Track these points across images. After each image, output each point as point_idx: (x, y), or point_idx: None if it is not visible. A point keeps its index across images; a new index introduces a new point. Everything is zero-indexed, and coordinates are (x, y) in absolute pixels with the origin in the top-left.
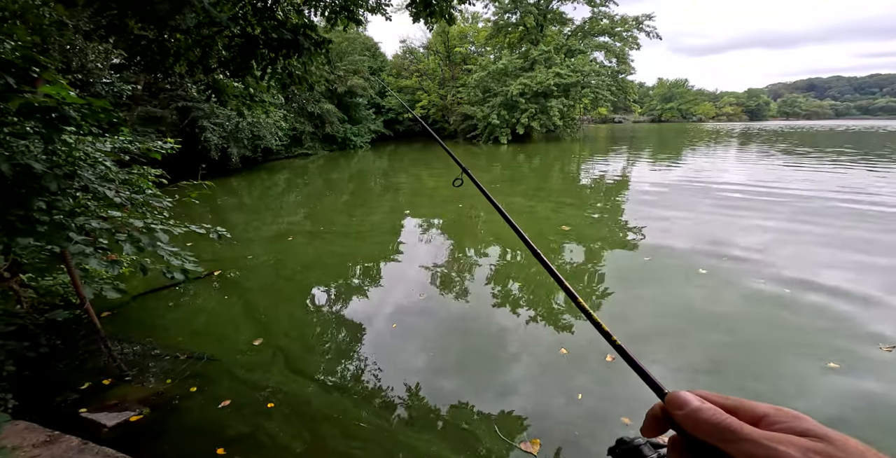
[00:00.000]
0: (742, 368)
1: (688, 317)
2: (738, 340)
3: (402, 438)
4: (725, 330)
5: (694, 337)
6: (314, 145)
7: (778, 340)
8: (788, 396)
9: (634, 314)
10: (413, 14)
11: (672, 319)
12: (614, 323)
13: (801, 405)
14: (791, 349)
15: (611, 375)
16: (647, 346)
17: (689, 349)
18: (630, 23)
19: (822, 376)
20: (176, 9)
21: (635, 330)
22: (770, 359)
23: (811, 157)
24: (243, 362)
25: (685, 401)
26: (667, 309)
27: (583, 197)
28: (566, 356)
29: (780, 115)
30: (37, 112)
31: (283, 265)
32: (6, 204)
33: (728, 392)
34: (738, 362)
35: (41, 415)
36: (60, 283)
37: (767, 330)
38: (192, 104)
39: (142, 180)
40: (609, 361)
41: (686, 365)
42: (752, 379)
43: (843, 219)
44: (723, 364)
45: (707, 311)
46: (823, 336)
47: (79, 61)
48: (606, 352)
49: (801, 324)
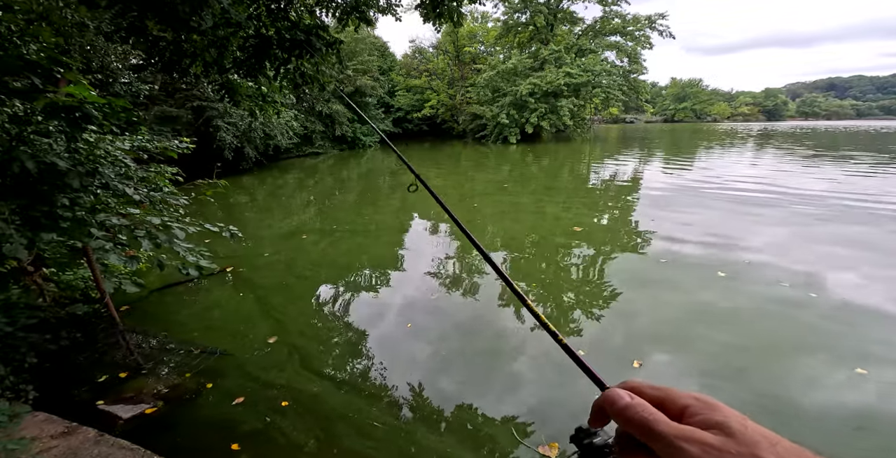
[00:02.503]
0: (766, 373)
1: (708, 321)
2: (762, 344)
3: (418, 438)
4: (748, 334)
5: (715, 341)
6: (324, 144)
7: (803, 344)
8: (815, 403)
9: (653, 317)
10: (423, 14)
11: (692, 322)
12: (634, 325)
13: (827, 413)
14: (817, 354)
15: (635, 375)
16: (668, 350)
17: (710, 354)
18: (642, 22)
19: (850, 382)
20: (196, 9)
21: (655, 333)
22: (795, 364)
23: (831, 158)
24: (257, 359)
25: (615, 399)
26: (686, 313)
27: (594, 197)
28: (584, 359)
29: (799, 115)
30: (61, 111)
31: (295, 263)
32: (31, 200)
33: (751, 400)
34: (762, 367)
35: (60, 407)
36: (80, 277)
37: (792, 335)
38: (207, 104)
39: (159, 178)
40: (636, 367)
41: (708, 370)
42: (777, 385)
43: (866, 221)
44: (745, 370)
45: (728, 315)
46: (850, 341)
47: (99, 62)
48: (631, 357)
49: (828, 329)
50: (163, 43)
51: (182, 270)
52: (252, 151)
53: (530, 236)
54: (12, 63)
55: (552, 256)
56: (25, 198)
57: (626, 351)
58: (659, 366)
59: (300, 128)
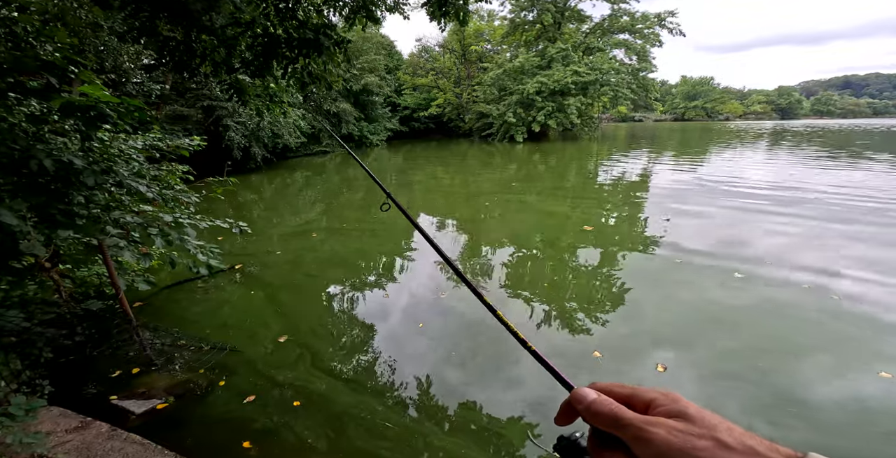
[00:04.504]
0: (790, 377)
1: (728, 323)
2: (786, 347)
3: (431, 439)
4: (770, 337)
5: (738, 343)
6: (331, 143)
7: (826, 347)
8: (841, 406)
9: (673, 320)
10: (429, 13)
11: (712, 324)
12: (653, 329)
13: (854, 417)
14: (841, 358)
15: (659, 380)
16: (690, 353)
17: (733, 357)
18: (652, 20)
19: (875, 385)
20: (209, 7)
21: (676, 337)
22: (818, 368)
23: (847, 157)
24: (269, 357)
25: (583, 396)
26: (705, 315)
27: (603, 197)
28: (601, 360)
29: (814, 113)
30: (77, 110)
31: (304, 261)
32: (48, 198)
33: (776, 403)
34: (785, 370)
35: (75, 401)
36: (95, 274)
37: (814, 337)
38: (216, 103)
39: (170, 177)
40: (661, 371)
41: (730, 373)
42: (801, 388)
43: (883, 221)
44: (769, 373)
45: (748, 317)
46: (874, 344)
47: (112, 62)
48: (656, 361)
49: (850, 332)
50: (173, 43)
51: (193, 268)
52: (260, 149)
53: (540, 235)
54: (29, 63)
55: (563, 256)
56: (42, 195)
57: (647, 356)
58: (681, 369)
59: (307, 127)
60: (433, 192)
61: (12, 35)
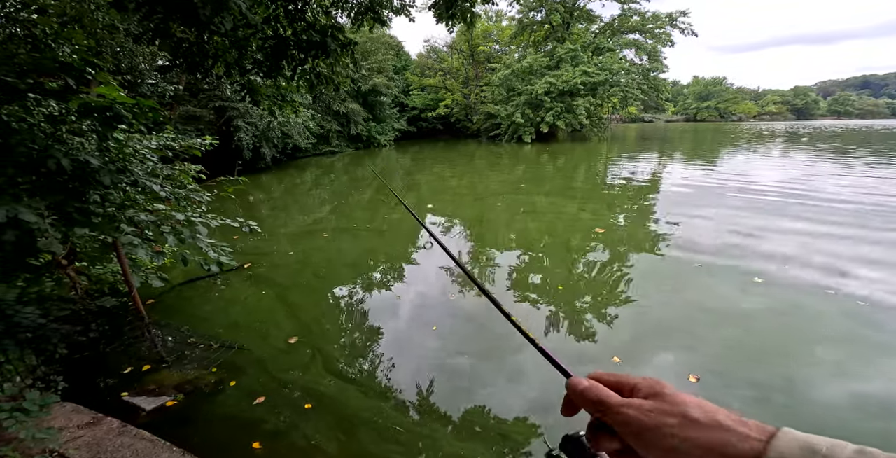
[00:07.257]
0: (814, 386)
1: (750, 329)
2: (811, 356)
3: (443, 445)
4: (794, 341)
5: (763, 351)
6: (340, 144)
7: (853, 356)
8: (870, 414)
9: (694, 327)
10: (436, 15)
11: (735, 329)
12: (676, 335)
13: (885, 426)
14: (868, 366)
15: (689, 390)
16: (717, 361)
17: (760, 364)
18: (663, 19)
19: None
20: (217, 11)
21: (699, 344)
22: (845, 376)
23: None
24: (279, 358)
25: (576, 384)
26: (728, 320)
27: (614, 198)
28: (618, 366)
29: (831, 114)
30: (94, 111)
31: (313, 261)
32: (65, 197)
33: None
34: (808, 379)
35: (86, 397)
36: (110, 271)
37: (841, 346)
38: (228, 104)
39: (183, 176)
40: (693, 381)
41: (757, 381)
42: (827, 396)
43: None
44: (795, 381)
45: (771, 324)
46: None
47: (128, 63)
48: (683, 372)
49: (876, 338)
50: (186, 45)
51: (204, 265)
52: (270, 150)
53: (551, 238)
54: (48, 64)
55: (575, 257)
56: (60, 194)
57: (677, 365)
58: (712, 378)
59: (317, 127)
60: (441, 193)
61: (32, 37)
